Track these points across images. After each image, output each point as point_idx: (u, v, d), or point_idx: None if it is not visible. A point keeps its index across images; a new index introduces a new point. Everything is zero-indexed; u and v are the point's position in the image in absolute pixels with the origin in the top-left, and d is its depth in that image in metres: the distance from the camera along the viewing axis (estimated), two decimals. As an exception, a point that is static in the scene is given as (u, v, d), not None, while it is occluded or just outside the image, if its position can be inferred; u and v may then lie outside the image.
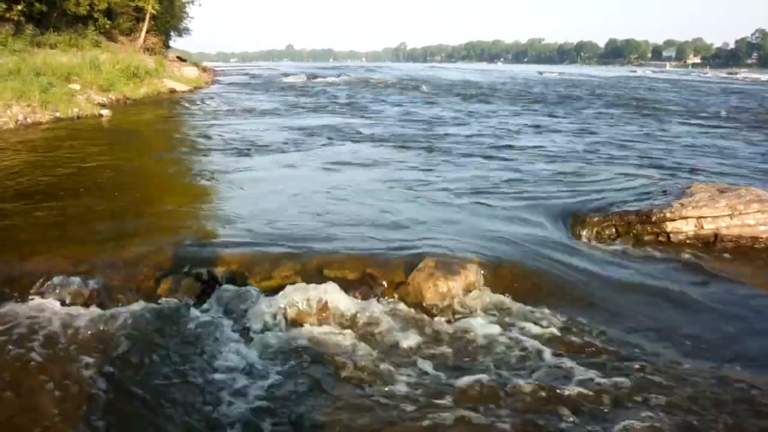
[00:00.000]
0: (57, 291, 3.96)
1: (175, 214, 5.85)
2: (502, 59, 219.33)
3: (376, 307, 3.94)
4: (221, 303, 3.97)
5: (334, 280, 4.27)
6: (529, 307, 3.95)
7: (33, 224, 5.24)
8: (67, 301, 3.89)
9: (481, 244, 4.85)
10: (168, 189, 6.88)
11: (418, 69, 65.80)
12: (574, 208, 5.91)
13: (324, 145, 10.17)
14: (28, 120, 11.83)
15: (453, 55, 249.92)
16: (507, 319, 3.81)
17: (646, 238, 5.30)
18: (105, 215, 5.56)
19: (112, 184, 6.86)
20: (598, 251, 5.02)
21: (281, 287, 4.12)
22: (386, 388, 3.09)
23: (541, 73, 56.60)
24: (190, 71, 30.95)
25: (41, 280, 4.04)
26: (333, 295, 3.99)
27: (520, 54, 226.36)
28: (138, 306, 3.86)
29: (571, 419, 2.83)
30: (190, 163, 8.28)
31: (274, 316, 3.82)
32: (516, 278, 4.36)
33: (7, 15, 19.05)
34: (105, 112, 14.06)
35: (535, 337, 3.60)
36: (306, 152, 9.36)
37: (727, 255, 5.00)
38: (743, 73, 71.02)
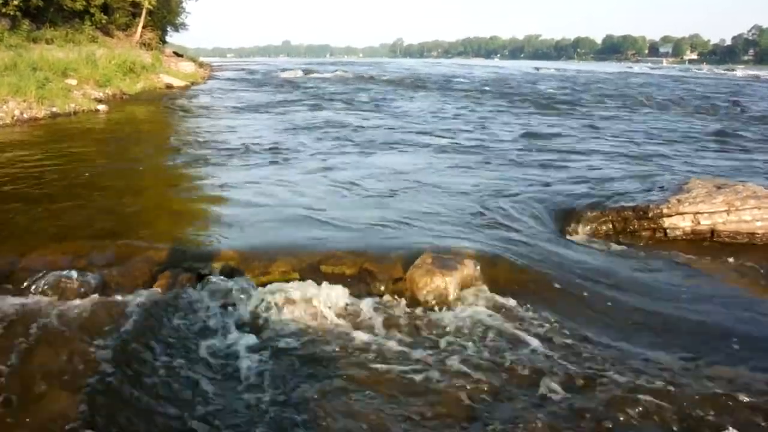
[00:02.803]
0: (54, 285, 3.96)
1: (172, 210, 5.84)
2: (498, 55, 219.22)
3: (371, 302, 3.96)
4: (218, 298, 3.97)
5: (332, 275, 4.28)
6: (525, 304, 3.95)
7: (30, 220, 5.24)
8: (65, 296, 3.89)
9: (478, 241, 4.86)
10: (165, 185, 6.88)
11: (418, 65, 65.67)
12: (571, 203, 5.91)
13: (320, 140, 10.18)
14: (25, 115, 11.80)
15: (450, 51, 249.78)
16: (503, 316, 3.82)
17: (643, 233, 5.32)
18: (101, 211, 5.55)
19: (108, 181, 6.85)
20: (594, 247, 5.03)
21: (278, 282, 4.14)
22: (377, 383, 3.10)
23: (537, 69, 56.66)
24: (187, 66, 30.86)
25: (39, 275, 4.04)
26: (328, 290, 4.01)
27: (516, 50, 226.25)
28: (135, 300, 3.86)
29: (563, 417, 2.84)
30: (186, 160, 8.26)
31: (271, 311, 3.83)
32: (513, 274, 4.37)
33: (4, 10, 19.00)
34: (101, 107, 14.03)
35: (529, 333, 3.61)
36: (307, 152, 9.35)
37: (723, 251, 5.01)
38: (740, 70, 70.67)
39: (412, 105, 17.26)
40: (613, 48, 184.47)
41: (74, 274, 4.06)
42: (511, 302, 3.97)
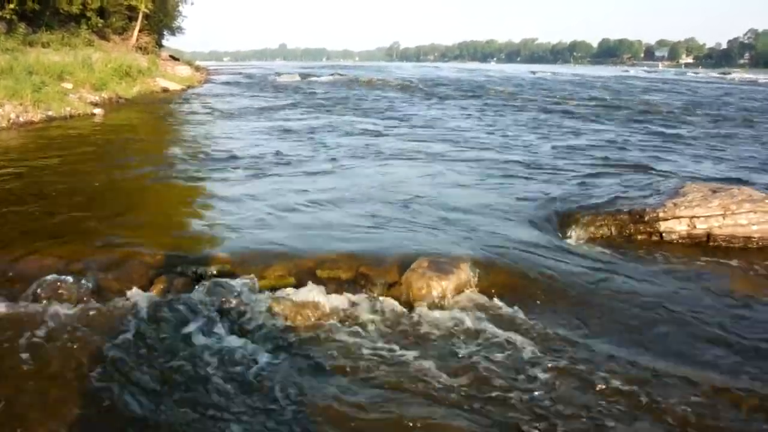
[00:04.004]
0: (50, 290, 3.95)
1: (168, 215, 5.84)
2: (495, 59, 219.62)
3: (367, 306, 3.96)
4: (214, 302, 3.96)
5: (328, 279, 4.27)
6: (520, 308, 3.95)
7: (25, 224, 5.22)
8: (60, 300, 3.87)
9: (474, 245, 4.86)
10: (161, 191, 6.86)
11: (416, 69, 65.68)
12: (567, 207, 5.92)
13: (318, 147, 10.18)
14: (21, 119, 11.78)
15: (446, 54, 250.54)
16: (498, 320, 3.81)
17: (639, 237, 5.32)
18: (97, 216, 5.54)
19: (104, 186, 6.84)
20: (590, 251, 5.03)
21: (274, 287, 4.14)
22: (374, 386, 3.10)
23: (534, 72, 56.73)
24: (183, 70, 30.91)
25: (34, 280, 4.03)
26: (324, 294, 4.02)
27: (513, 54, 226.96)
28: (131, 304, 3.85)
29: (558, 418, 2.84)
30: (183, 166, 8.24)
31: (267, 315, 3.82)
32: (508, 279, 4.36)
33: (0, 13, 18.98)
34: (97, 111, 14.00)
35: (524, 337, 3.60)
36: (303, 157, 9.35)
37: (719, 255, 5.01)
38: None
39: (412, 111, 17.27)
40: (609, 52, 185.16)
41: (69, 278, 4.05)
42: (507, 306, 3.97)
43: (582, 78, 44.62)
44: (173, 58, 36.65)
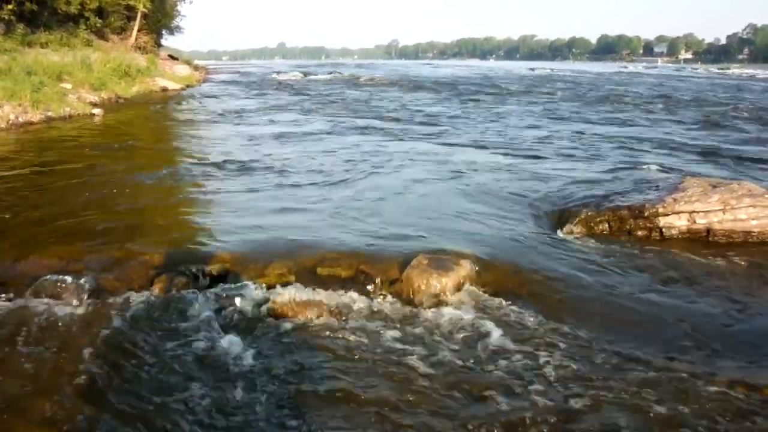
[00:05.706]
0: (50, 289, 3.95)
1: (168, 216, 5.83)
2: (494, 56, 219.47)
3: (367, 303, 3.97)
4: (214, 301, 3.96)
5: (328, 277, 4.28)
6: (520, 304, 3.95)
7: (26, 225, 5.23)
8: (60, 300, 3.88)
9: (473, 241, 4.86)
10: (161, 192, 6.85)
11: (416, 66, 65.67)
12: (567, 203, 5.92)
13: (317, 147, 10.18)
14: (20, 119, 11.78)
15: (445, 52, 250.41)
16: (499, 317, 3.81)
17: (639, 233, 5.31)
18: (98, 217, 5.54)
19: (104, 187, 6.84)
20: (590, 247, 5.03)
21: (274, 285, 4.14)
22: (373, 384, 3.10)
23: (533, 69, 56.69)
24: (182, 70, 30.91)
25: (34, 279, 4.03)
26: (325, 291, 4.02)
27: (512, 50, 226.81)
28: (130, 304, 3.85)
29: (558, 418, 2.84)
30: (181, 166, 8.23)
31: (268, 313, 3.83)
32: (508, 275, 4.37)
33: (-1, 14, 19.00)
34: (97, 111, 14.00)
35: (524, 334, 3.61)
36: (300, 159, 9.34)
37: (719, 250, 5.00)
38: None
39: (416, 109, 17.26)
40: (608, 48, 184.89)
41: (69, 278, 4.05)
42: (507, 303, 3.97)
43: (583, 74, 44.64)
44: (172, 57, 36.65)
